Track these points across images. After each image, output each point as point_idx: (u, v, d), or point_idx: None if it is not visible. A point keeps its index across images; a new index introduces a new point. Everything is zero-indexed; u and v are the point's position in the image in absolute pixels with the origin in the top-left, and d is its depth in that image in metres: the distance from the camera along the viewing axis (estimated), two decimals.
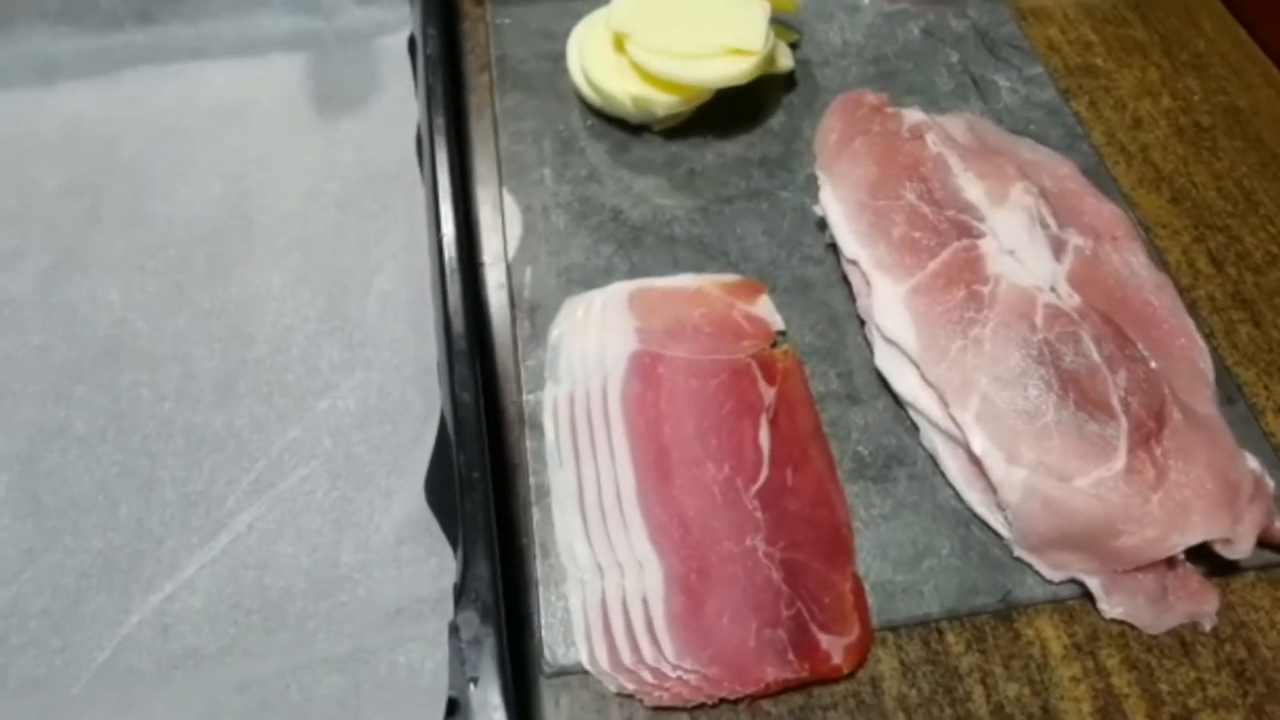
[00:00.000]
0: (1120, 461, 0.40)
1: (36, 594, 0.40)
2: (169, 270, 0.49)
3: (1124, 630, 0.40)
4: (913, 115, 0.51)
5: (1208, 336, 0.49)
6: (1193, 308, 0.50)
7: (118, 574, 0.40)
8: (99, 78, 0.56)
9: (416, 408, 0.44)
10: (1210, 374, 0.45)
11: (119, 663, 0.38)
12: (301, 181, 0.53)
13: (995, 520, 0.42)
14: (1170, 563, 0.40)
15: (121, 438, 0.44)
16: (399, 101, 0.55)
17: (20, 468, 0.43)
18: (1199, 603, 0.41)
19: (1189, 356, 0.45)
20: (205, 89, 0.56)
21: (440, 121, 0.49)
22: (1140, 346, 0.44)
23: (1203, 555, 0.41)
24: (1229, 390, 0.47)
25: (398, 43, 0.56)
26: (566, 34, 0.56)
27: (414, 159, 0.51)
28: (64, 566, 0.40)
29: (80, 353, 0.46)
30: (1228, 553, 0.40)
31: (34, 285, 0.49)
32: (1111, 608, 0.40)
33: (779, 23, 0.59)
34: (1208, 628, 0.40)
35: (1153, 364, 0.43)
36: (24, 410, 0.45)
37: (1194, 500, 0.40)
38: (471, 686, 0.34)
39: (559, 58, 0.56)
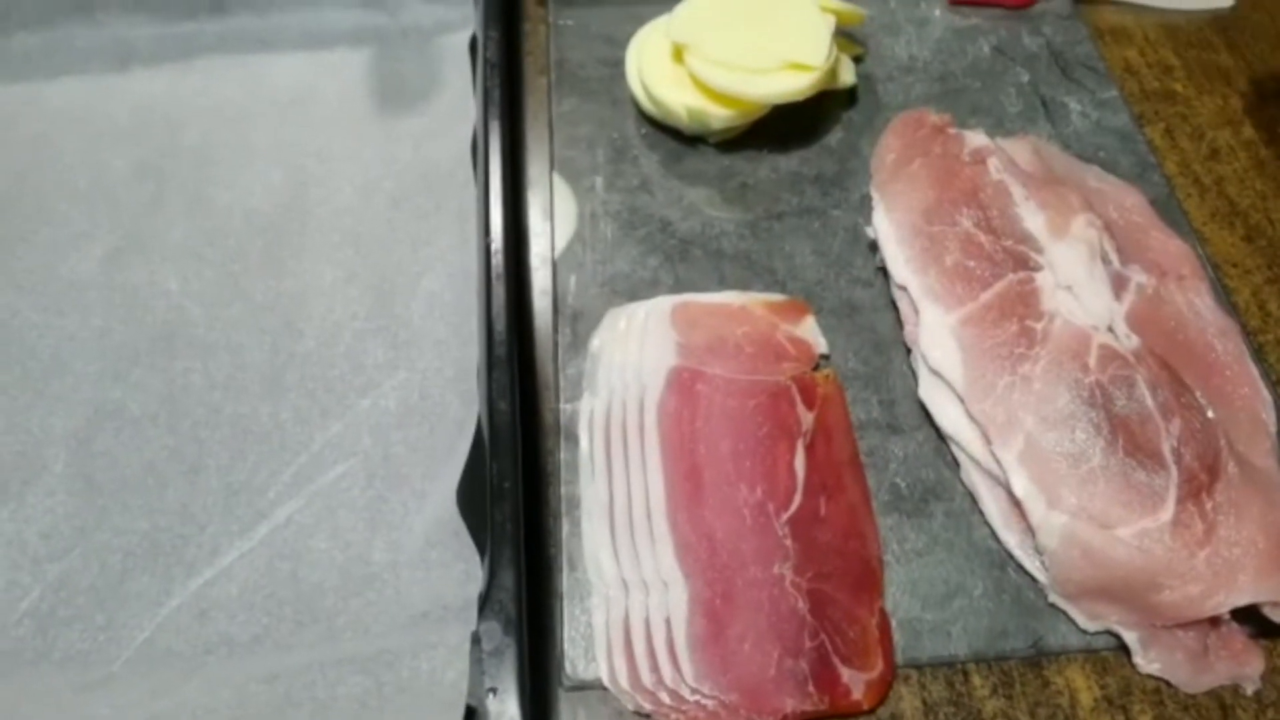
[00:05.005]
0: (1167, 513, 0.39)
1: (85, 570, 0.41)
2: (226, 260, 0.50)
3: (1159, 686, 0.39)
4: (975, 138, 0.50)
5: (1274, 384, 0.47)
6: (1260, 353, 0.48)
7: (161, 556, 0.41)
8: (170, 65, 0.58)
9: (455, 411, 0.44)
10: (1273, 425, 0.43)
11: (157, 643, 0.39)
12: (358, 176, 0.53)
13: (1032, 564, 0.41)
14: (1214, 621, 0.39)
15: (173, 422, 0.45)
16: (458, 99, 0.55)
17: (78, 445, 0.45)
18: (1242, 664, 0.39)
19: (1250, 406, 0.44)
20: (270, 80, 0.57)
21: (495, 126, 0.49)
22: (1198, 394, 0.42)
23: (1250, 614, 0.39)
24: None
25: (460, 41, 0.57)
26: (627, 39, 0.56)
27: (469, 158, 0.51)
28: (111, 545, 0.42)
29: (138, 336, 0.48)
30: (1277, 617, 0.38)
31: (99, 267, 0.50)
32: (1148, 663, 0.39)
33: (843, 36, 0.58)
34: (1250, 691, 0.39)
35: (1210, 413, 0.42)
36: (84, 389, 0.46)
37: (1243, 559, 0.38)
38: (490, 696, 0.34)
39: (618, 63, 0.56)
